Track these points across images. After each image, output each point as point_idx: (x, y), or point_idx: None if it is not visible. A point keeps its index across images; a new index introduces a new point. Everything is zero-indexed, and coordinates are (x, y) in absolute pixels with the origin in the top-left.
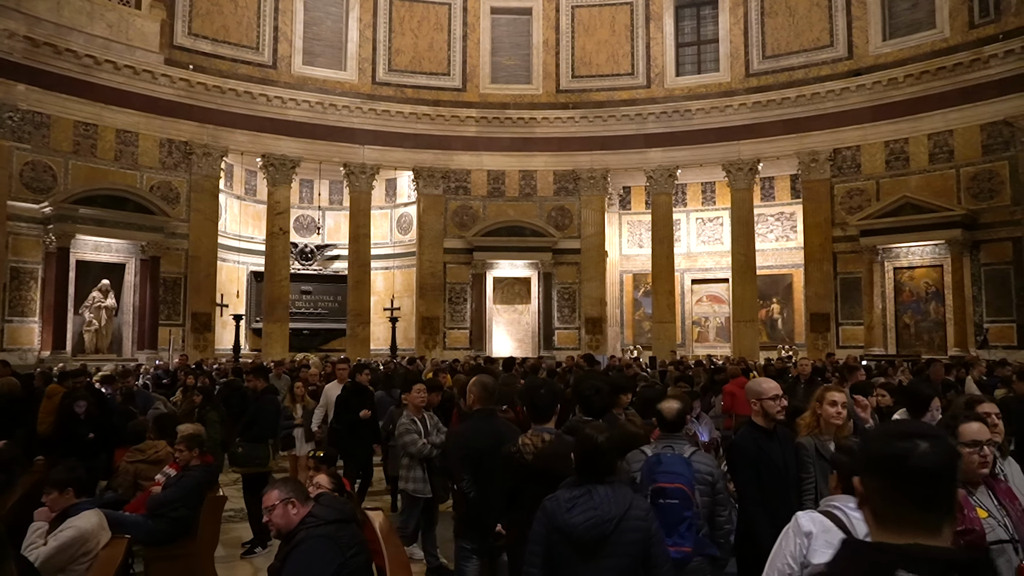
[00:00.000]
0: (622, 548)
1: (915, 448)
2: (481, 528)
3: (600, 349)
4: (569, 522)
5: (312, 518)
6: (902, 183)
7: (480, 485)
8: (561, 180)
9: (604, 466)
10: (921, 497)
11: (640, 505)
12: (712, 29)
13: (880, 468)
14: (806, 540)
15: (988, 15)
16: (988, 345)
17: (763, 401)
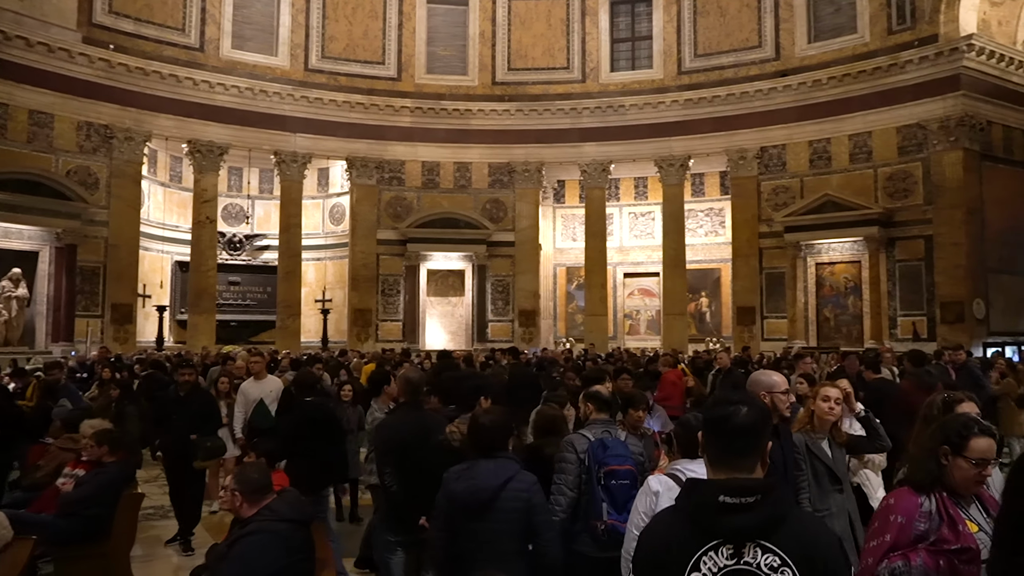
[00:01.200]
0: (503, 514)
1: (737, 412)
2: (406, 521)
3: (533, 342)
4: (454, 490)
5: (270, 511)
6: (824, 181)
7: (405, 478)
8: (496, 173)
9: (488, 443)
10: (740, 446)
11: (524, 479)
12: (646, 26)
13: (713, 426)
14: (655, 498)
15: (905, 22)
16: (918, 338)
17: (773, 395)
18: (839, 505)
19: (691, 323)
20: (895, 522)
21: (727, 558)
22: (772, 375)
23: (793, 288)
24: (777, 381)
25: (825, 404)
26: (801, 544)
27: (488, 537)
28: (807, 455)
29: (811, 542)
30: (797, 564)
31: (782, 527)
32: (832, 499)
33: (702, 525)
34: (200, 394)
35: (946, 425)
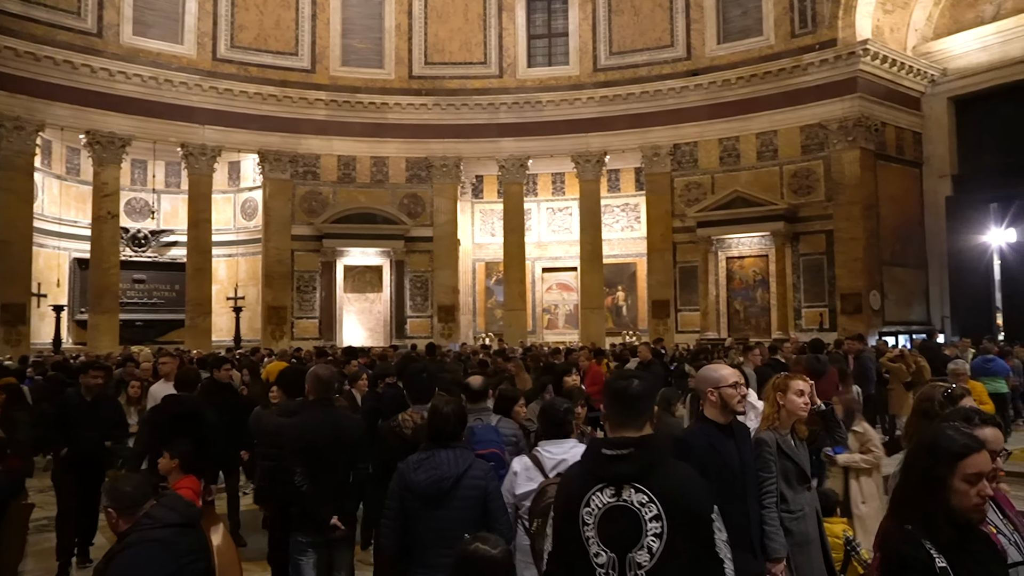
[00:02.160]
0: (460, 502)
1: (631, 384)
2: (317, 521)
3: (452, 337)
4: (414, 480)
5: (148, 519)
6: (734, 178)
7: (316, 477)
8: (414, 167)
9: (448, 433)
10: (632, 410)
11: (480, 467)
12: (562, 23)
13: (613, 395)
14: (514, 476)
15: (807, 26)
16: (823, 329)
17: (721, 390)
18: (809, 504)
19: (608, 317)
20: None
21: (609, 496)
22: (720, 368)
23: (705, 281)
24: (725, 375)
25: (800, 398)
26: (667, 487)
27: (446, 524)
28: (778, 454)
29: (676, 485)
30: (661, 501)
31: (653, 473)
32: (803, 498)
33: (592, 471)
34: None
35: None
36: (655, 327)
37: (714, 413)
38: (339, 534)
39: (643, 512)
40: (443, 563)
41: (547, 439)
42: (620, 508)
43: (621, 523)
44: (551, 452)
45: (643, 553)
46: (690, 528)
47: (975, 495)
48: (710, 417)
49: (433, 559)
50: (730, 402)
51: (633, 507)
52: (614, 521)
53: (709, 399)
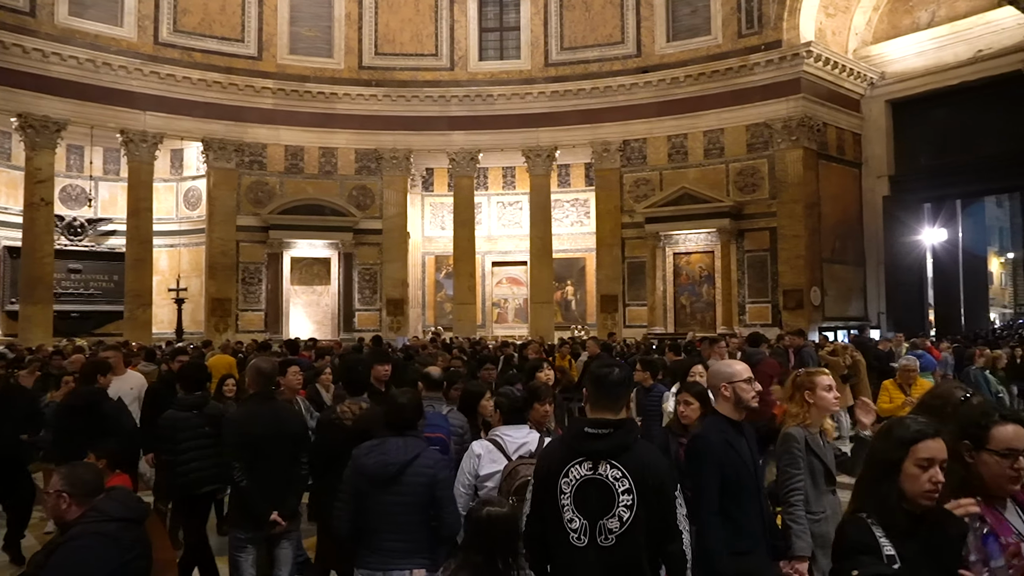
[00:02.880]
0: (408, 488)
1: (612, 371)
2: (256, 517)
3: (401, 331)
4: (364, 464)
5: (95, 512)
6: (682, 175)
7: (256, 472)
8: (363, 159)
9: (403, 422)
10: (612, 395)
11: (430, 456)
12: (514, 17)
13: (596, 381)
14: (477, 460)
15: (753, 27)
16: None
17: (735, 385)
18: (832, 507)
19: (557, 311)
20: None
21: (587, 470)
22: (733, 364)
23: (653, 277)
24: (738, 370)
25: (830, 393)
26: (638, 464)
27: (394, 509)
28: (806, 452)
29: (645, 463)
30: (632, 476)
31: (627, 452)
32: (826, 500)
33: (572, 447)
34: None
35: (962, 418)
36: (604, 321)
37: (727, 409)
38: (279, 530)
39: (616, 485)
40: (388, 547)
41: (507, 424)
42: (595, 481)
43: (595, 494)
44: (511, 436)
45: (614, 521)
46: (655, 502)
47: (927, 481)
48: (723, 413)
49: (379, 543)
50: (744, 397)
51: (608, 480)
52: (589, 492)
53: (723, 394)
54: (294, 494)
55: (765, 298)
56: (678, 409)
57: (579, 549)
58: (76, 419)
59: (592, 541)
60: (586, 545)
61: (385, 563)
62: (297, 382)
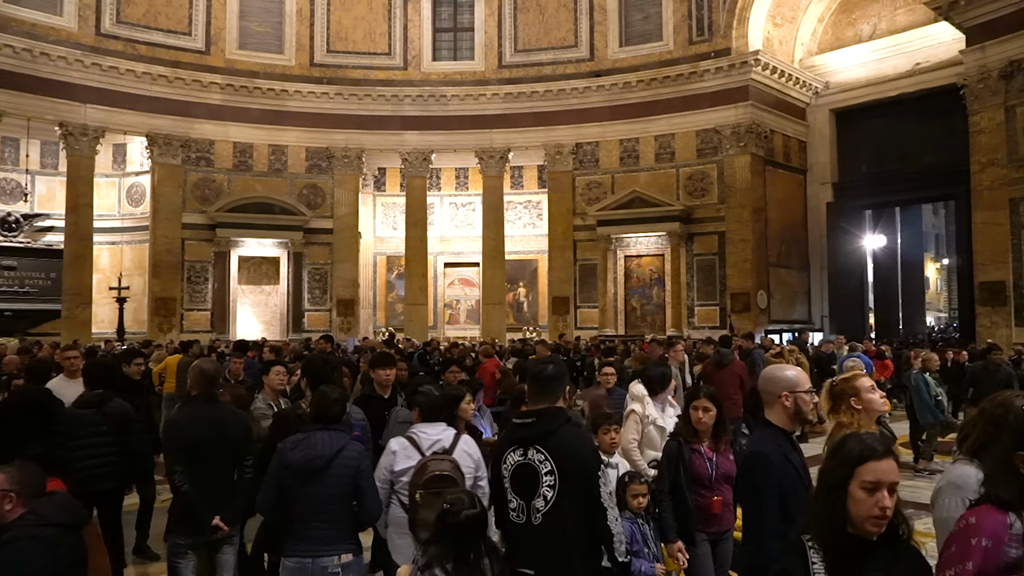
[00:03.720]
0: (333, 479)
1: (546, 368)
2: (198, 522)
3: (352, 331)
4: (290, 458)
5: (33, 516)
6: (633, 178)
7: (198, 476)
8: (314, 157)
9: (330, 416)
10: (546, 389)
11: (354, 448)
12: (468, 18)
13: (533, 377)
14: (393, 456)
15: (703, 34)
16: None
17: (797, 395)
18: None
19: (509, 312)
20: (979, 546)
21: (519, 456)
22: (787, 369)
23: (604, 279)
24: (800, 379)
25: (875, 394)
26: (560, 448)
27: (319, 500)
28: None
29: (567, 448)
30: (554, 459)
31: (550, 438)
32: None
33: (508, 436)
34: None
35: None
36: (555, 323)
37: (782, 420)
38: (221, 535)
39: (540, 468)
40: (317, 535)
41: (424, 422)
42: (526, 465)
43: (526, 477)
44: (427, 433)
45: (539, 500)
46: (577, 482)
47: (873, 505)
48: (777, 424)
49: (307, 531)
50: (805, 409)
51: (534, 464)
52: (521, 475)
53: (782, 404)
54: (237, 498)
55: (714, 301)
56: (693, 415)
57: (519, 526)
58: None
59: (528, 519)
60: (524, 523)
61: (314, 550)
62: (280, 383)
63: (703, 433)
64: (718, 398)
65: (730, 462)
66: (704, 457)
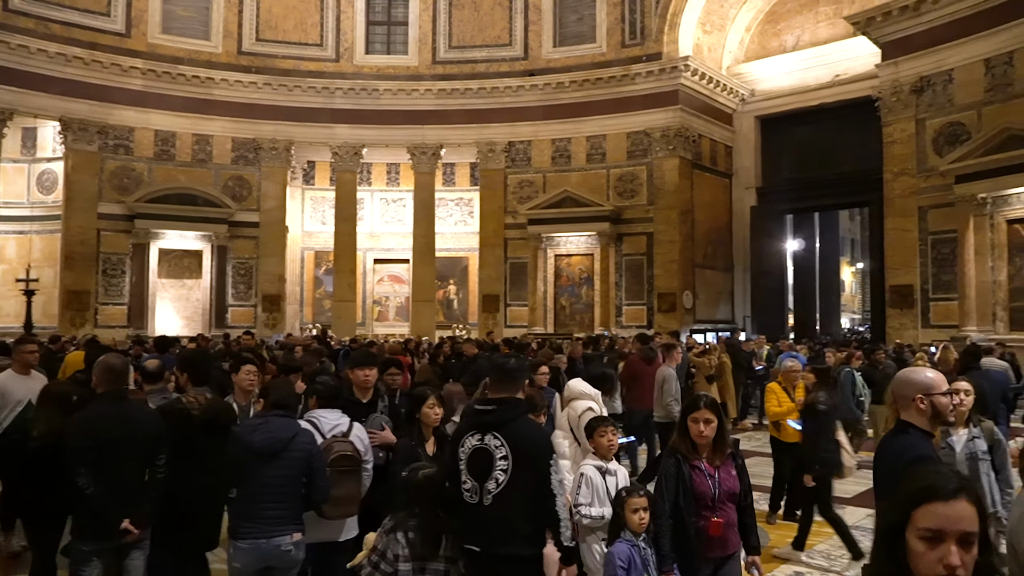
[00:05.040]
0: (289, 461)
1: (508, 361)
2: (104, 527)
3: (278, 327)
4: (251, 440)
5: None
6: (565, 178)
7: (104, 478)
8: (241, 148)
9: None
10: (509, 378)
11: (307, 433)
12: (403, 12)
13: (496, 368)
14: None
15: (636, 38)
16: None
17: (933, 397)
18: None
19: (439, 310)
20: None
21: (476, 440)
22: (924, 372)
23: (534, 278)
24: (936, 381)
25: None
26: (515, 435)
27: (276, 480)
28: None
29: (522, 435)
30: (509, 445)
31: (507, 425)
32: None
33: (469, 421)
34: None
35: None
36: (485, 321)
37: (921, 422)
38: (130, 539)
39: (496, 453)
40: (270, 515)
41: (321, 408)
42: (482, 449)
43: (482, 460)
44: (327, 418)
45: (492, 483)
46: (529, 467)
47: (936, 562)
48: (917, 425)
49: (261, 512)
50: (943, 412)
51: (490, 448)
52: (478, 458)
53: (917, 407)
54: (148, 500)
55: (641, 300)
56: (693, 429)
57: (472, 506)
58: None
59: (480, 500)
60: (476, 503)
61: (268, 531)
62: (250, 383)
63: (703, 447)
64: (719, 407)
65: (732, 478)
66: (705, 474)
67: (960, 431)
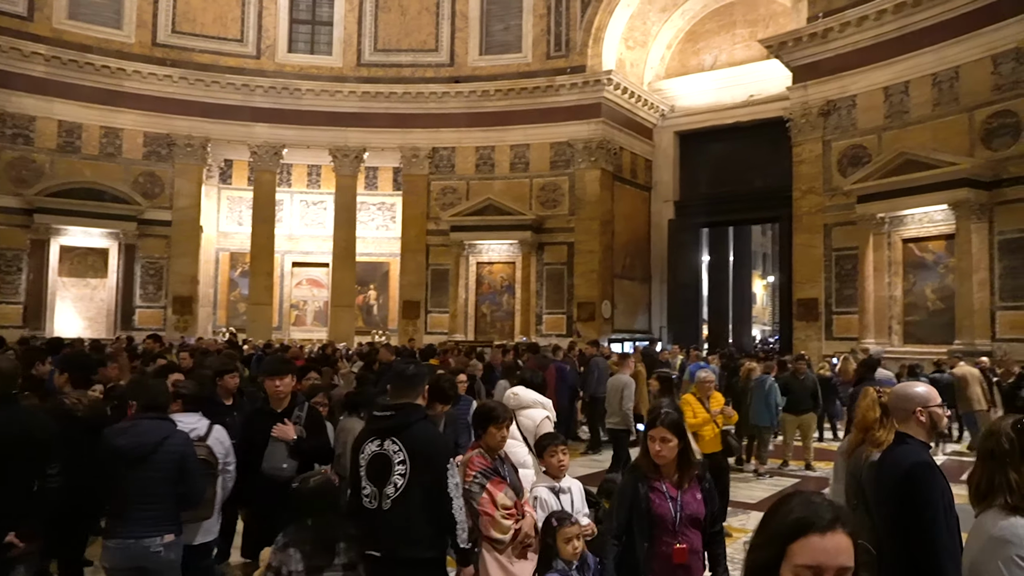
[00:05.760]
0: (158, 464)
1: (408, 368)
2: None
3: (189, 330)
4: (117, 444)
5: None
6: (488, 186)
7: None
8: (153, 143)
9: (158, 405)
10: (409, 384)
11: (179, 437)
12: (328, 11)
13: (395, 376)
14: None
15: (561, 50)
16: (577, 338)
17: (931, 410)
18: None
19: (359, 315)
20: None
21: (376, 446)
22: (917, 386)
23: (456, 285)
24: (931, 394)
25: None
26: (413, 440)
27: (145, 483)
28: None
29: (419, 440)
30: (407, 450)
31: (405, 430)
32: None
33: (368, 427)
34: None
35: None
36: (405, 327)
37: (920, 433)
38: (16, 552)
39: (394, 458)
40: (140, 516)
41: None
42: (381, 455)
43: (380, 465)
44: (184, 421)
45: (390, 487)
46: (427, 472)
47: None
48: (916, 437)
49: (131, 513)
50: (940, 424)
51: (388, 454)
52: (376, 463)
53: (917, 419)
54: (35, 511)
55: (561, 309)
56: (651, 448)
57: (370, 511)
58: None
59: (379, 505)
60: (375, 508)
61: (137, 532)
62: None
63: (665, 467)
64: (682, 427)
65: (697, 501)
66: (666, 496)
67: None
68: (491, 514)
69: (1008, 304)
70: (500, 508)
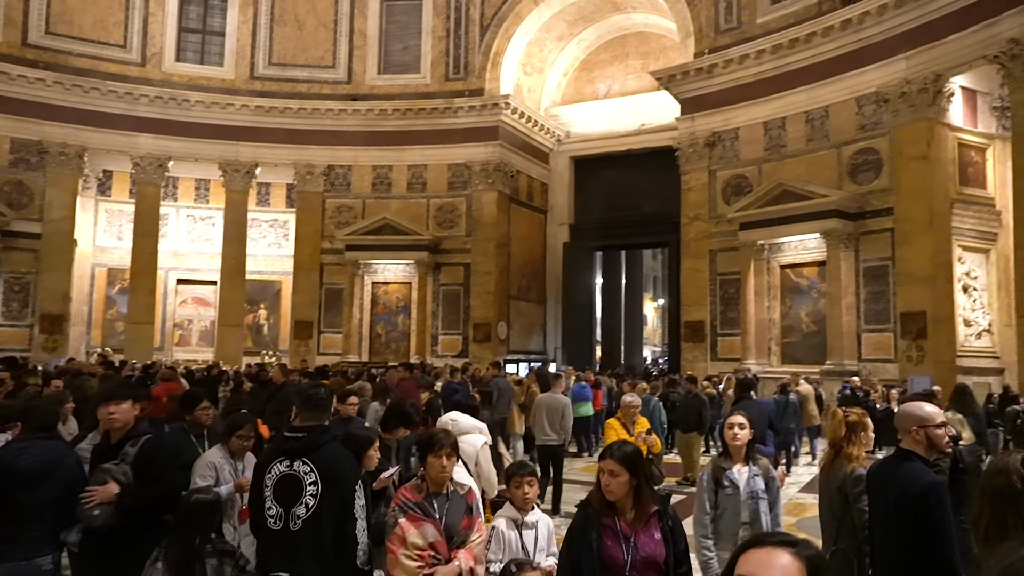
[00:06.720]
0: (55, 482)
1: (319, 391)
2: None
3: (59, 351)
4: (17, 464)
5: None
6: (385, 205)
7: None
8: (21, 150)
9: (49, 426)
10: (317, 406)
11: (73, 456)
12: (220, 22)
13: (303, 398)
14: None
15: (460, 73)
16: (459, 355)
17: (928, 429)
18: None
19: (248, 335)
20: None
21: (285, 467)
22: (924, 406)
23: (351, 304)
24: (932, 414)
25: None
26: (324, 461)
27: (38, 502)
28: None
29: (329, 461)
30: (318, 470)
31: (316, 451)
32: None
33: (276, 447)
34: None
35: None
36: (296, 348)
37: (921, 450)
38: None
39: (305, 479)
40: (25, 536)
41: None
42: (290, 475)
43: (289, 486)
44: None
45: (301, 508)
46: (336, 492)
47: None
48: (918, 453)
49: (19, 533)
50: (939, 444)
51: (299, 475)
52: (285, 484)
53: (914, 437)
54: None
55: (457, 330)
56: (602, 480)
57: (275, 532)
58: None
59: (285, 526)
60: (280, 529)
61: (26, 552)
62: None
63: (618, 504)
64: (636, 461)
65: (656, 542)
66: (619, 536)
67: (739, 467)
68: (394, 552)
69: (872, 327)
70: (409, 547)
